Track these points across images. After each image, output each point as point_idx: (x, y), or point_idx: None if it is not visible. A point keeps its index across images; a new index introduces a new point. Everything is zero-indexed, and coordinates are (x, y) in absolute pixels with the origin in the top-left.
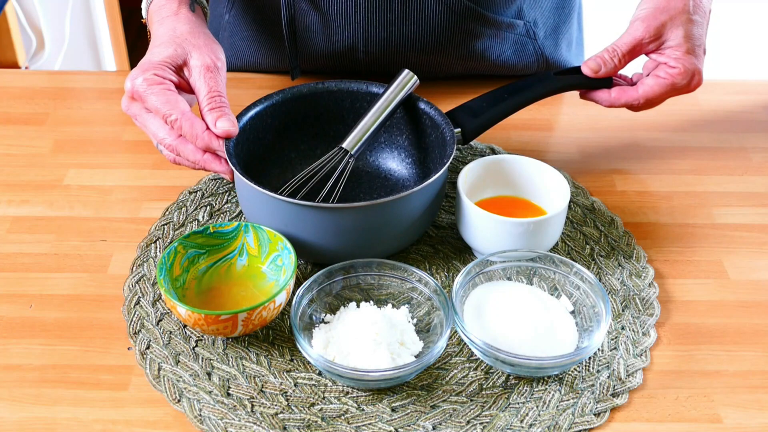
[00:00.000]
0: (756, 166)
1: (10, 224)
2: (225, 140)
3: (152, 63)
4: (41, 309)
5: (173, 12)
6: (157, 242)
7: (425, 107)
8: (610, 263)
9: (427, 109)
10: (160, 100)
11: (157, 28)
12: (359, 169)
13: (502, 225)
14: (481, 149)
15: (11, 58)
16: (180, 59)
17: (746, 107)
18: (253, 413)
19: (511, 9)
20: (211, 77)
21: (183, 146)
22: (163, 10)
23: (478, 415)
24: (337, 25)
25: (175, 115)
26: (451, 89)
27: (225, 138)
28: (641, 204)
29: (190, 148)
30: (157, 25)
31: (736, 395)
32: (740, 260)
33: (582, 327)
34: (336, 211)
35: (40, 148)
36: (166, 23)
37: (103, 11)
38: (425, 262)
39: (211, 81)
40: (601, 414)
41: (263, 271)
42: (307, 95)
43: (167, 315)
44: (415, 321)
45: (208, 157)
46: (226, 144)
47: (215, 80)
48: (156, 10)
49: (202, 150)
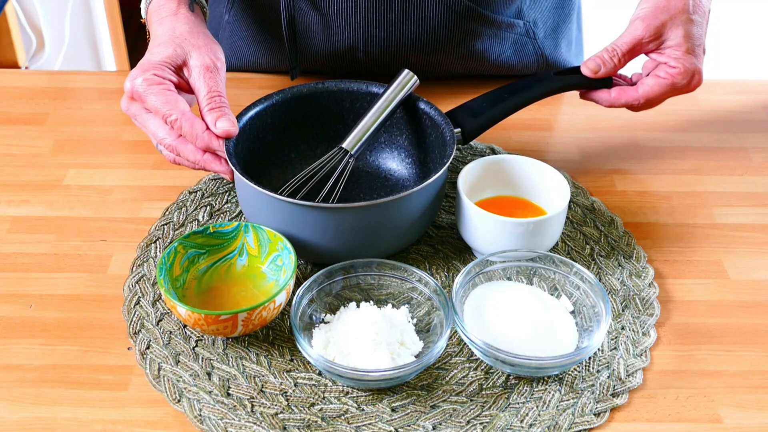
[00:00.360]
0: (756, 166)
1: (10, 224)
2: (225, 140)
3: (152, 63)
4: (41, 309)
5: (172, 12)
6: (157, 242)
7: (425, 107)
8: (610, 263)
9: (427, 109)
10: (159, 100)
11: (156, 28)
12: (359, 169)
13: (502, 225)
14: (481, 149)
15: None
16: (179, 59)
17: (746, 107)
18: (253, 413)
19: (510, 9)
20: (210, 77)
21: (183, 146)
22: (162, 10)
23: (478, 415)
24: (337, 26)
25: (175, 115)
26: (451, 89)
27: (225, 138)
28: (641, 204)
29: (190, 148)
30: (156, 25)
31: (736, 395)
32: (740, 260)
33: (582, 327)
34: (336, 211)
35: (40, 148)
36: (165, 23)
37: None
38: (425, 262)
39: (210, 81)
40: (601, 414)
41: (263, 271)
42: (307, 95)
43: (167, 315)
44: (415, 321)
45: (208, 157)
46: (226, 144)
47: (215, 80)
48: (155, 10)
49: (202, 150)
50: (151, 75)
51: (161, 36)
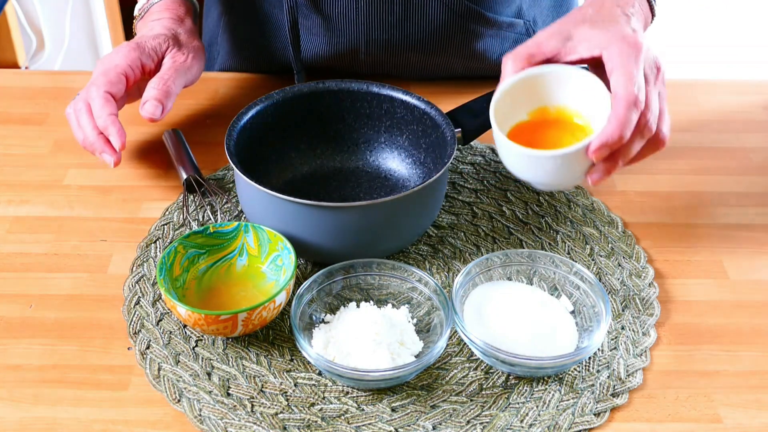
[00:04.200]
0: (756, 166)
1: (10, 224)
2: (226, 139)
3: (117, 68)
4: (41, 309)
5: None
6: (157, 242)
7: (425, 107)
8: (610, 263)
9: (427, 109)
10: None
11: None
12: (359, 169)
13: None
14: (481, 149)
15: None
16: (165, 49)
17: (746, 107)
18: (253, 413)
19: (510, 8)
20: (177, 70)
21: (85, 117)
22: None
23: (478, 415)
24: (339, 28)
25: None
26: (451, 89)
27: (148, 118)
28: (641, 204)
29: (90, 122)
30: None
31: (736, 395)
32: (740, 260)
33: (582, 327)
34: (336, 210)
35: (40, 148)
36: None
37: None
38: (425, 262)
39: (172, 71)
40: (601, 414)
41: (263, 271)
42: (308, 95)
43: (167, 315)
44: (415, 321)
45: (100, 138)
46: (227, 143)
47: (178, 72)
48: (159, 11)
49: (98, 130)
50: (104, 93)
51: (160, 23)
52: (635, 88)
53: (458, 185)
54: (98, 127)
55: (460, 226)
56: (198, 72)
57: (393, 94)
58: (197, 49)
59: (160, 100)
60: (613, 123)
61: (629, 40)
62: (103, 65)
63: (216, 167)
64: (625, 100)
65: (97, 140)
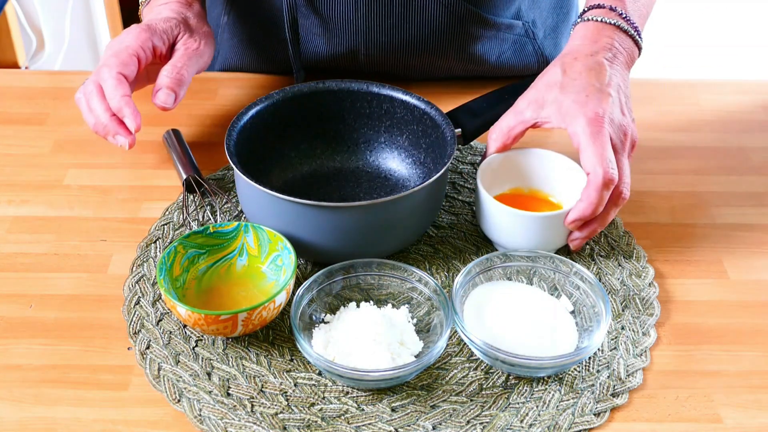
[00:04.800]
0: (756, 166)
1: (10, 224)
2: (226, 139)
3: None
4: (41, 309)
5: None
6: (157, 242)
7: (425, 107)
8: (610, 263)
9: (427, 109)
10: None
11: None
12: (359, 169)
13: (523, 219)
14: (481, 149)
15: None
16: (176, 33)
17: (746, 107)
18: (253, 413)
19: (509, 10)
20: (189, 57)
21: (97, 100)
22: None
23: (478, 415)
24: (338, 29)
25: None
26: (451, 89)
27: (160, 107)
28: (641, 204)
29: (102, 105)
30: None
31: (736, 395)
32: (740, 260)
33: (582, 327)
34: (336, 210)
35: (40, 148)
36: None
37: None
38: (425, 262)
39: (185, 58)
40: (601, 414)
41: (263, 271)
42: (308, 95)
43: (167, 315)
44: (415, 321)
45: (114, 120)
46: (227, 143)
47: (190, 60)
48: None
49: (110, 112)
50: (117, 74)
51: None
52: (607, 166)
53: (458, 185)
54: (111, 109)
55: (460, 226)
56: (209, 58)
57: (393, 94)
58: (208, 34)
59: (172, 88)
60: (585, 202)
61: (589, 115)
62: (114, 47)
63: (216, 167)
64: (596, 182)
65: (110, 122)
